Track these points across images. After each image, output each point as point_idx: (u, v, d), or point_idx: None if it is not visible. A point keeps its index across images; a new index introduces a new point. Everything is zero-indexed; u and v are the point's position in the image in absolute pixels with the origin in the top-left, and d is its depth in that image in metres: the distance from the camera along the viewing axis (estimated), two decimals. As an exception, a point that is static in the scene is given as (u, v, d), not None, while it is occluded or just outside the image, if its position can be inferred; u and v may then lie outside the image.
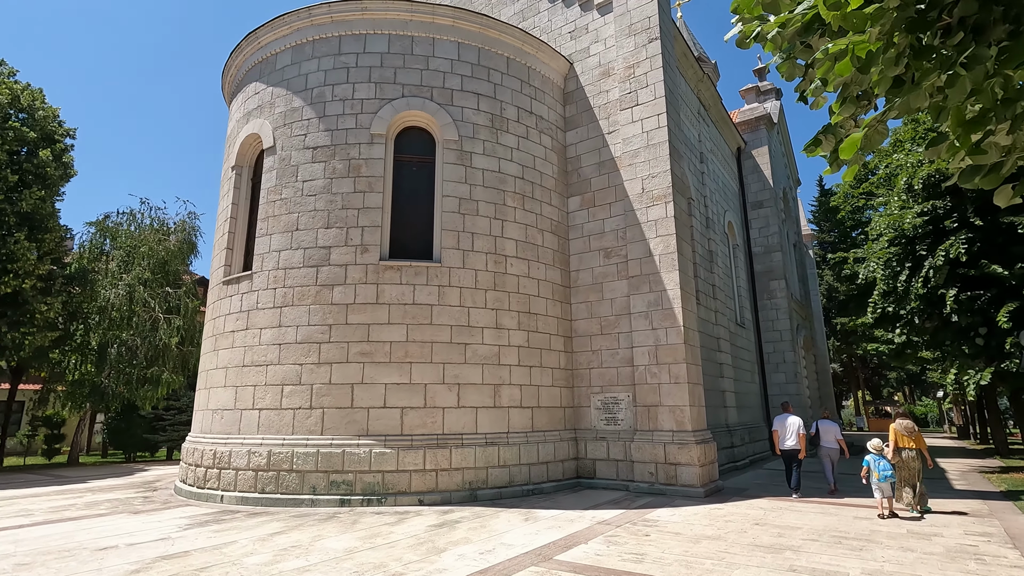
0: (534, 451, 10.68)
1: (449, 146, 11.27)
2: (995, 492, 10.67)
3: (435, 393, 10.03)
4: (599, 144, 12.86)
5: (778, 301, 20.04)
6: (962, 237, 12.56)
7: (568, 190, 13.12)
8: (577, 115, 13.39)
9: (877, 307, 15.11)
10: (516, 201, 11.72)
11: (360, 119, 11.09)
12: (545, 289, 11.85)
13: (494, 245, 11.18)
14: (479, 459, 9.99)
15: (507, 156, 11.82)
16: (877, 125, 2.72)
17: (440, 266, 10.60)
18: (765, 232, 20.72)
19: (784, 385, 19.47)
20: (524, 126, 12.31)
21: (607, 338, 11.84)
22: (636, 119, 12.28)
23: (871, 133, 2.77)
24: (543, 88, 13.03)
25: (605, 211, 12.44)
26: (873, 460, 8.44)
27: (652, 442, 10.63)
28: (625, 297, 11.73)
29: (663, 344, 10.96)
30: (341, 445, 9.52)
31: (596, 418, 11.63)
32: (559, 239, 12.52)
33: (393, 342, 10.05)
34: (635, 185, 11.99)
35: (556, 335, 11.90)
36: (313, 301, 10.26)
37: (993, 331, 12.95)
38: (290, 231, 10.73)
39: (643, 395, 11.01)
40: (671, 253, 11.22)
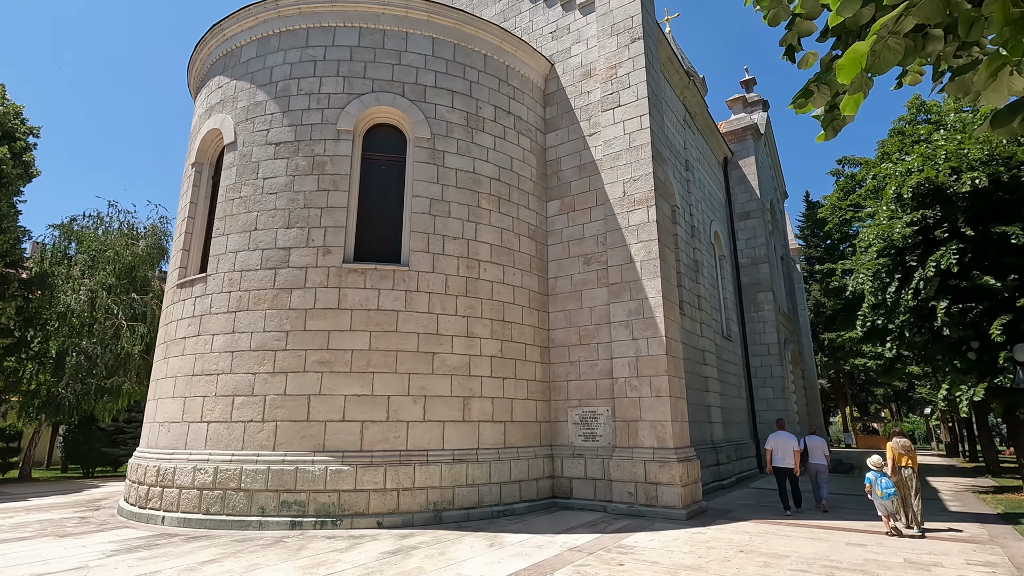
0: (506, 469, 9.97)
1: (420, 144, 10.69)
2: (992, 515, 10.11)
3: (399, 406, 9.32)
4: (580, 146, 12.35)
5: (765, 314, 19.58)
6: (953, 247, 12.13)
7: (547, 194, 12.57)
8: (558, 117, 12.90)
9: (867, 320, 14.64)
10: (491, 203, 11.14)
11: (326, 114, 10.50)
12: (521, 296, 11.23)
13: (467, 249, 10.57)
14: (445, 477, 9.27)
15: (482, 156, 11.26)
16: (889, 36, 2.01)
17: (408, 270, 9.96)
18: (752, 243, 20.31)
19: (772, 400, 18.92)
20: (501, 126, 11.78)
21: (586, 348, 11.21)
22: (618, 120, 11.79)
23: (881, 47, 2.00)
24: (522, 88, 12.53)
25: (585, 216, 11.89)
26: (875, 477, 8.41)
27: (632, 460, 9.98)
28: (605, 306, 11.14)
29: (644, 355, 10.35)
30: (294, 462, 8.76)
31: (573, 433, 10.96)
32: (537, 244, 11.94)
33: (355, 350, 9.36)
34: (616, 189, 11.47)
35: (532, 345, 11.26)
36: (270, 306, 9.55)
37: (986, 345, 12.49)
38: (248, 231, 10.05)
39: (623, 409, 10.37)
40: (653, 259, 10.67)
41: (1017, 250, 12.04)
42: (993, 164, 12.00)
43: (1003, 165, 11.93)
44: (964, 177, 12.01)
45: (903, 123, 19.70)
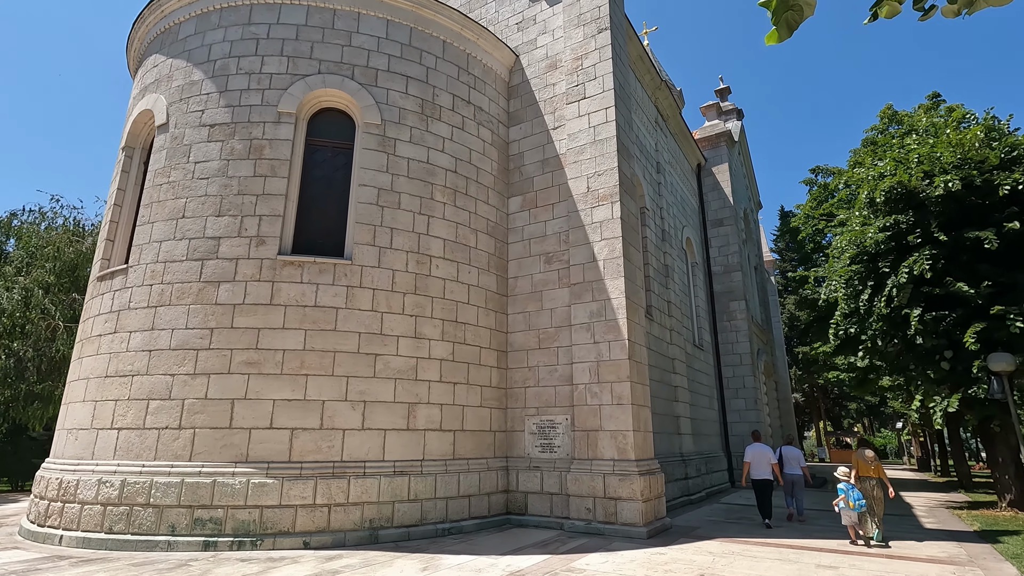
0: (454, 482, 9.14)
1: (370, 130, 9.94)
2: (969, 532, 9.58)
3: (335, 412, 8.46)
4: (543, 140, 11.74)
5: (738, 323, 19.12)
6: (926, 253, 11.76)
7: (509, 190, 11.90)
8: (522, 110, 12.28)
9: (839, 328, 14.20)
10: (446, 196, 10.42)
11: (267, 95, 9.70)
12: (477, 296, 10.48)
13: (417, 243, 9.81)
14: (384, 492, 8.40)
15: (438, 146, 10.56)
16: None
17: (350, 264, 9.15)
18: (725, 251, 19.92)
19: (744, 412, 18.39)
20: (460, 116, 11.10)
21: (545, 353, 10.49)
22: (583, 113, 11.21)
23: None
24: (484, 78, 11.90)
25: (547, 212, 11.23)
26: (847, 488, 8.44)
27: (590, 473, 9.23)
28: (566, 307, 10.45)
29: (605, 360, 9.66)
30: (212, 474, 7.82)
31: (530, 444, 10.19)
32: (496, 242, 11.23)
33: (287, 350, 8.49)
34: (580, 184, 10.84)
35: (488, 348, 10.50)
36: (194, 300, 8.65)
37: (959, 354, 12.10)
38: (175, 219, 9.16)
39: (582, 418, 9.64)
40: (616, 258, 10.03)
41: (990, 256, 11.71)
42: (966, 168, 11.70)
43: (975, 169, 11.64)
44: (937, 181, 11.68)
45: (875, 132, 19.59)
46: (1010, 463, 12.06)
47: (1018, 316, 10.76)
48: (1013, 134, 11.99)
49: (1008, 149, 11.71)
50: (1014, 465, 12.02)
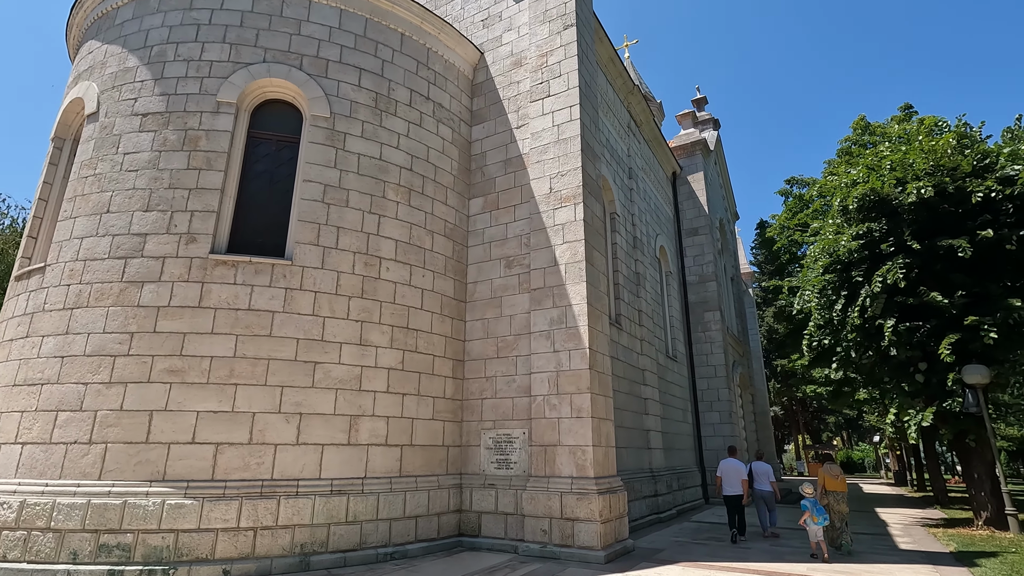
0: (399, 502, 8.44)
1: (318, 123, 9.33)
2: (945, 554, 9.11)
3: (266, 425, 7.74)
4: (507, 140, 11.23)
5: (713, 334, 18.72)
6: (899, 262, 11.43)
7: (470, 191, 11.35)
8: (485, 108, 11.78)
9: (813, 340, 13.83)
10: (400, 195, 9.82)
11: (206, 84, 9.06)
12: (432, 301, 9.86)
13: (366, 244, 9.18)
14: (319, 513, 7.67)
15: (392, 143, 9.98)
16: None
17: (291, 264, 8.48)
18: (700, 260, 19.57)
19: (718, 425, 17.92)
20: (418, 112, 10.56)
21: (503, 362, 9.89)
22: (547, 111, 10.74)
23: None
24: (446, 75, 11.39)
25: (509, 214, 10.69)
26: (811, 504, 8.66)
27: (547, 491, 8.60)
28: (526, 314, 9.88)
29: (565, 370, 9.08)
30: (123, 494, 7.04)
31: (486, 460, 9.54)
32: (454, 245, 10.65)
33: (215, 357, 7.77)
34: (542, 184, 10.33)
35: (443, 357, 9.86)
36: (114, 302, 7.90)
37: (934, 366, 11.77)
38: (98, 214, 8.42)
39: (540, 432, 9.03)
40: (578, 262, 9.50)
41: (964, 266, 11.43)
42: (938, 175, 11.44)
43: (948, 176, 11.38)
44: (909, 187, 11.39)
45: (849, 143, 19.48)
46: (986, 479, 11.70)
47: (992, 327, 10.43)
48: (984, 141, 11.79)
49: (980, 156, 11.49)
50: (990, 481, 11.65)
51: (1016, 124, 12.01)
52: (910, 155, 11.95)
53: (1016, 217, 10.87)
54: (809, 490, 9.01)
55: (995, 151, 11.65)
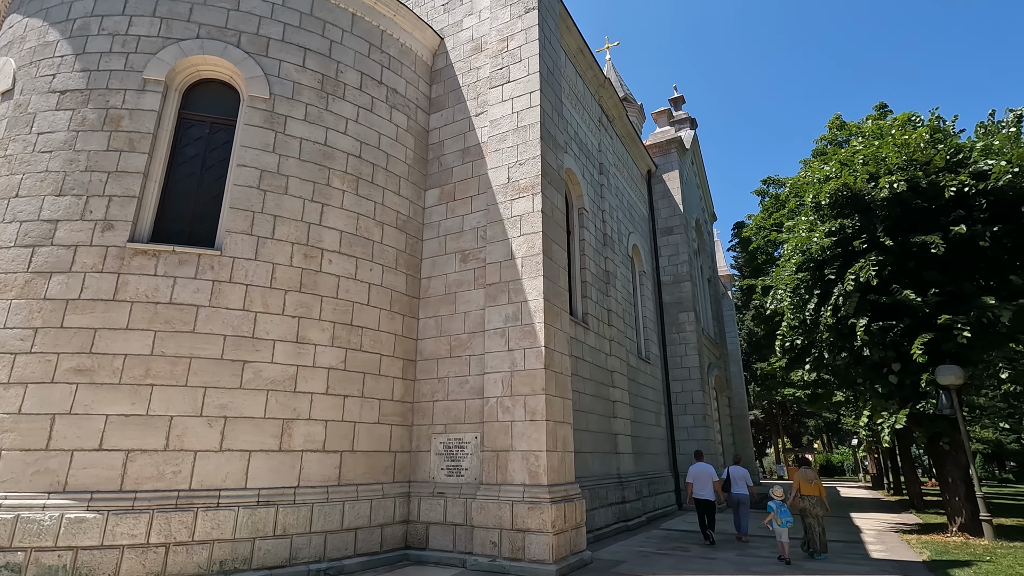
0: (336, 513, 7.77)
1: (255, 105, 8.68)
2: (917, 563, 8.68)
3: (185, 430, 7.04)
4: (465, 128, 10.67)
5: (687, 335, 18.28)
6: (872, 259, 11.06)
7: (427, 182, 10.76)
8: (444, 95, 11.21)
9: (786, 340, 13.43)
10: (347, 184, 9.19)
11: (132, 60, 8.37)
12: (380, 297, 9.24)
13: (307, 234, 8.53)
14: (243, 526, 6.98)
15: (339, 128, 9.36)
16: None
17: (219, 255, 7.80)
18: (675, 260, 19.15)
19: (692, 429, 17.46)
20: (369, 96, 9.95)
21: (456, 362, 9.28)
22: (506, 98, 10.20)
23: None
24: (402, 59, 10.80)
25: (466, 206, 10.12)
26: (776, 506, 8.88)
27: (498, 500, 7.99)
28: (481, 310, 9.29)
29: (520, 369, 8.51)
30: (16, 507, 6.30)
31: (436, 467, 8.91)
32: (407, 238, 10.04)
33: (130, 355, 7.06)
34: (500, 174, 9.78)
35: (392, 357, 9.23)
36: (18, 294, 7.16)
37: (907, 367, 11.40)
38: (6, 198, 7.68)
39: (492, 436, 8.43)
40: (535, 255, 8.94)
41: (938, 263, 11.09)
42: (911, 169, 11.10)
43: (921, 170, 11.05)
44: (882, 182, 11.04)
45: (824, 143, 19.26)
46: (960, 483, 11.34)
47: (965, 326, 10.08)
48: (958, 136, 11.51)
49: (953, 151, 11.18)
50: (964, 485, 11.30)
51: (989, 119, 11.75)
52: (883, 149, 11.61)
53: (990, 213, 10.56)
54: (779, 492, 9.11)
55: (968, 146, 11.36)
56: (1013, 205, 10.52)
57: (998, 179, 10.37)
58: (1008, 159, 10.48)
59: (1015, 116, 11.31)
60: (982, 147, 11.02)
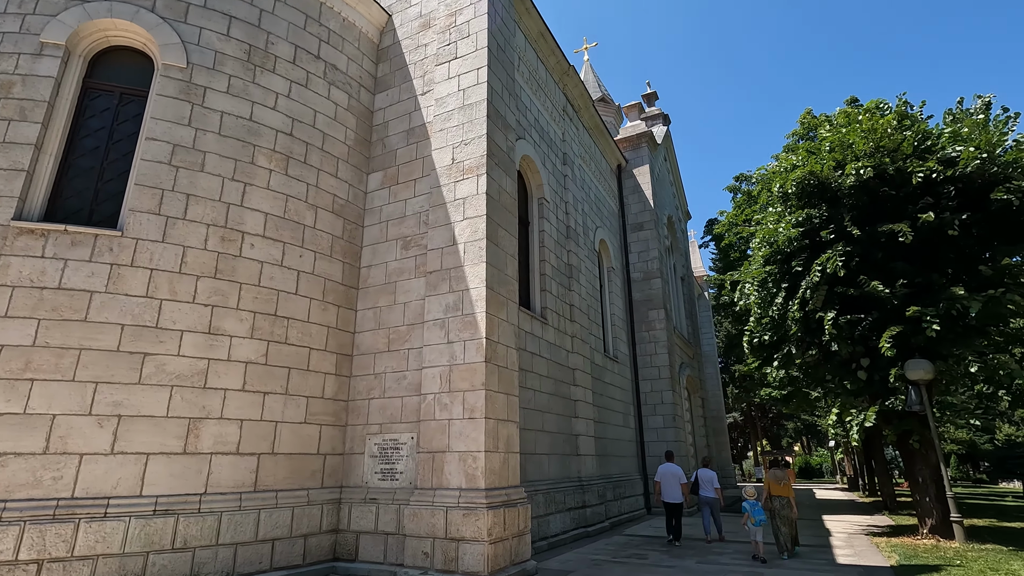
0: (250, 522, 7.00)
1: (170, 74, 7.92)
2: (884, 568, 8.15)
3: (71, 430, 6.24)
4: (411, 107, 10.00)
5: (657, 333, 17.75)
6: (839, 249, 10.61)
7: (370, 165, 10.06)
8: (390, 74, 10.54)
9: (753, 336, 12.94)
10: (274, 163, 8.46)
11: (29, 22, 7.57)
12: (311, 286, 8.50)
13: (225, 216, 7.78)
14: (135, 539, 6.19)
15: (267, 103, 8.63)
16: None
17: (121, 236, 7.02)
18: (645, 256, 18.63)
19: (662, 430, 16.90)
20: (304, 71, 9.24)
21: (394, 356, 8.58)
22: (453, 75, 9.56)
23: None
24: (343, 34, 10.11)
25: (409, 189, 9.44)
26: (750, 506, 9.07)
27: (432, 506, 7.29)
28: (421, 300, 8.61)
29: (459, 363, 7.83)
30: None
31: (370, 470, 8.18)
32: (346, 223, 9.33)
33: (7, 346, 6.25)
34: (444, 155, 9.12)
35: (323, 351, 8.49)
36: None
37: (877, 363, 10.95)
38: None
39: (428, 436, 7.73)
40: (478, 240, 8.28)
41: (906, 253, 10.67)
42: (878, 155, 10.68)
43: (888, 157, 10.63)
44: (848, 168, 10.61)
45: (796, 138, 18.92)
46: (931, 483, 10.90)
47: (934, 318, 9.63)
48: (926, 121, 11.13)
49: (921, 137, 10.79)
50: (935, 486, 10.85)
51: (958, 106, 11.41)
52: (850, 136, 11.19)
53: (958, 201, 10.16)
54: (752, 492, 9.36)
55: (936, 132, 10.99)
56: (982, 193, 10.14)
57: (966, 165, 9.98)
58: (976, 145, 10.11)
59: (983, 103, 10.96)
60: (950, 133, 10.65)
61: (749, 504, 9.10)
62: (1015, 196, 9.63)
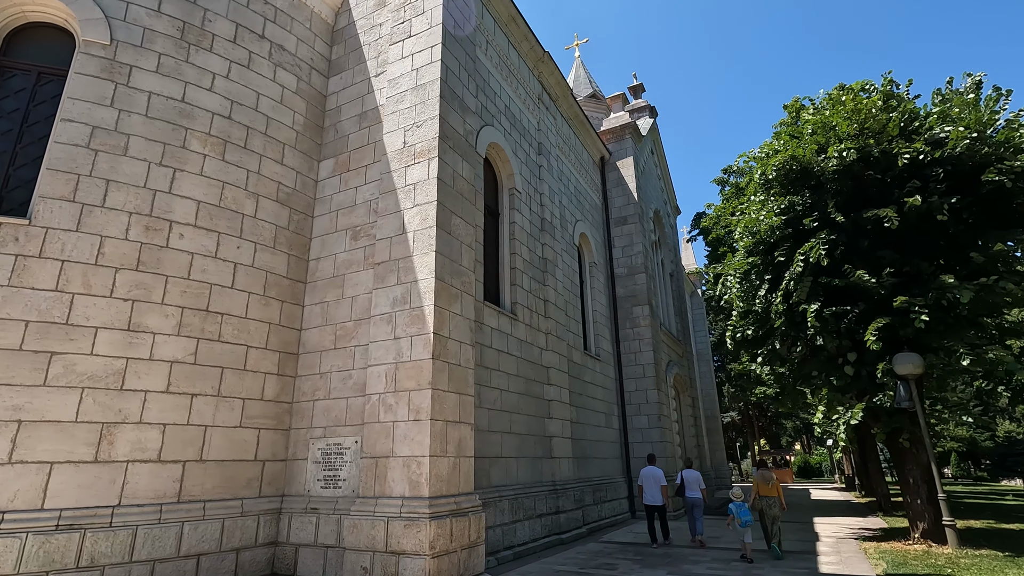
0: (171, 537, 6.40)
1: (92, 51, 7.34)
2: (870, 578, 7.54)
3: (-39, 438, 5.64)
4: (364, 90, 9.43)
5: (641, 330, 17.13)
6: (823, 237, 10.03)
7: (322, 152, 9.48)
8: (344, 56, 9.97)
9: (736, 331, 12.34)
10: (209, 147, 7.87)
11: (-66, -5, 6.99)
12: (250, 280, 7.91)
13: (151, 203, 7.19)
14: (32, 557, 5.59)
15: (203, 83, 8.04)
16: None
17: (28, 225, 6.43)
18: (629, 251, 18.03)
19: (647, 431, 16.28)
20: (246, 51, 8.66)
21: (340, 354, 7.99)
22: (407, 54, 8.98)
23: None
24: (292, 13, 9.53)
25: (360, 176, 8.86)
26: (735, 507, 9.02)
27: (373, 517, 6.69)
28: (369, 294, 8.02)
29: (405, 361, 7.23)
30: None
31: (313, 477, 7.58)
32: (293, 213, 8.74)
33: None
34: (396, 138, 8.53)
35: (263, 349, 7.89)
36: None
37: (864, 357, 10.35)
38: None
39: (372, 440, 7.13)
40: (428, 228, 7.69)
41: (892, 241, 10.08)
42: (862, 137, 10.09)
43: (873, 138, 10.04)
44: (831, 150, 10.03)
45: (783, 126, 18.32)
46: (922, 484, 10.28)
47: (923, 308, 9.04)
48: (912, 101, 10.54)
49: (908, 118, 10.20)
50: (926, 486, 10.24)
51: (947, 87, 10.82)
52: (833, 118, 10.61)
53: (947, 184, 9.56)
54: (738, 493, 9.40)
55: (924, 112, 10.40)
56: (972, 175, 9.55)
57: (955, 146, 9.39)
58: (966, 124, 9.51)
59: (973, 82, 10.37)
60: (939, 113, 10.05)
61: (735, 506, 9.04)
62: (1008, 177, 9.03)
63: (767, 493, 9.45)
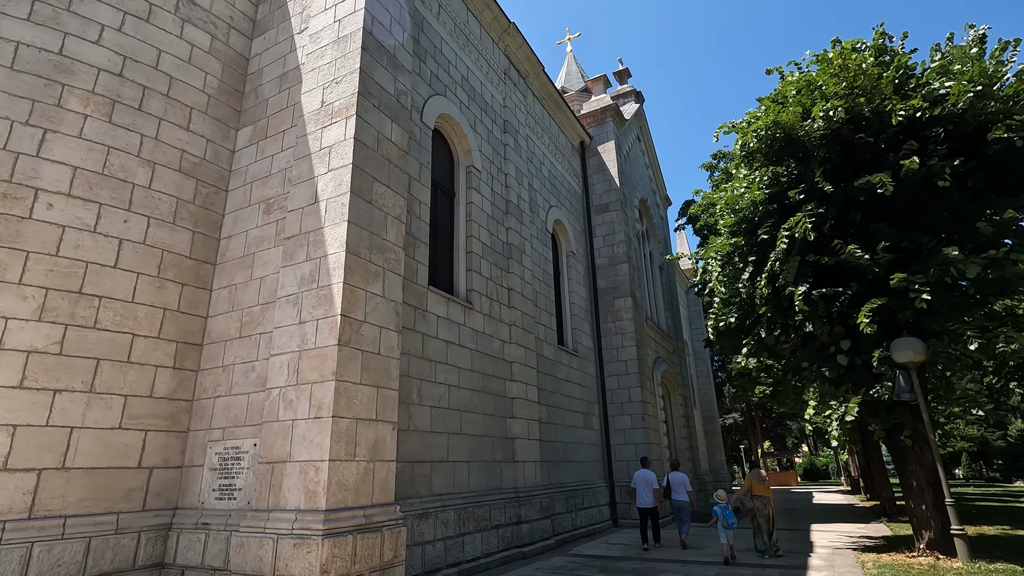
0: (15, 560, 5.31)
1: (-54, -6, 6.34)
2: (864, 599, 6.37)
3: None
4: (286, 49, 8.41)
5: (624, 324, 16.00)
6: (809, 210, 8.91)
7: (240, 119, 8.45)
8: (269, 15, 8.96)
9: (719, 319, 11.20)
10: (92, 107, 6.84)
11: None
12: (141, 259, 6.86)
13: (11, 168, 6.16)
14: None
15: (88, 36, 7.03)
16: None
17: None
18: (611, 240, 16.91)
19: (630, 432, 15.12)
20: (146, 3, 7.65)
21: (245, 344, 6.92)
22: (329, 5, 7.94)
23: None
24: (208, -34, 8.52)
25: (277, 143, 7.82)
26: (720, 509, 8.91)
27: (263, 534, 5.59)
28: (277, 273, 6.95)
29: (309, 348, 6.15)
30: None
31: (208, 487, 6.50)
32: (200, 185, 7.69)
33: None
34: (314, 98, 7.48)
35: (156, 338, 6.83)
36: None
37: (859, 345, 9.20)
38: None
39: (270, 442, 6.04)
40: (341, 196, 6.62)
41: (888, 213, 8.97)
42: (852, 96, 8.97)
43: (864, 97, 8.91)
44: (815, 110, 8.93)
45: (774, 104, 17.17)
46: (927, 487, 9.09)
47: (924, 287, 7.88)
48: (909, 55, 9.40)
49: (903, 74, 9.07)
50: (932, 490, 9.05)
51: (947, 43, 9.69)
52: (818, 77, 9.50)
53: (948, 145, 8.41)
54: (722, 495, 9.33)
55: (921, 68, 9.27)
56: (977, 135, 8.41)
57: (957, 102, 8.25)
58: (969, 78, 8.38)
59: (977, 36, 9.22)
60: (938, 66, 8.91)
61: (720, 508, 8.97)
62: (1018, 135, 7.88)
63: (760, 492, 9.60)
